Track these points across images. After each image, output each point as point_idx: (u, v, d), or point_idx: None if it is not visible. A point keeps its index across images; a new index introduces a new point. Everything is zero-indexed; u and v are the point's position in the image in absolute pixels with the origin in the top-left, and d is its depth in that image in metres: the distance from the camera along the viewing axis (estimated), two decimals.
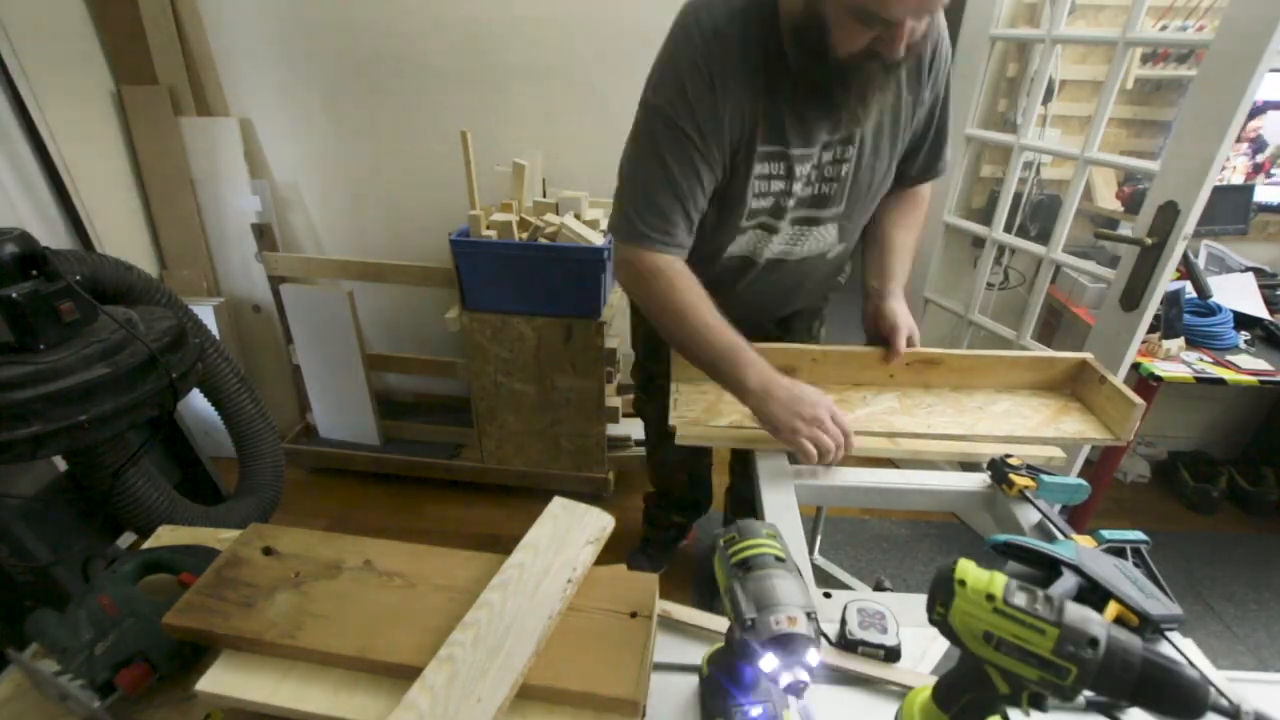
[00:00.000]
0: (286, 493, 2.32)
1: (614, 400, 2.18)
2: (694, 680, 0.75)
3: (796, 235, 1.23)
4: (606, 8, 2.00)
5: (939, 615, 0.56)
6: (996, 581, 0.53)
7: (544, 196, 2.06)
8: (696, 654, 0.77)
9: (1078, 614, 0.51)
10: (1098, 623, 0.50)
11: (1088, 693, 0.51)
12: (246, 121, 2.19)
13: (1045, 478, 1.02)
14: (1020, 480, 1.01)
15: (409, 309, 2.50)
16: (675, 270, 1.12)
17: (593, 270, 1.88)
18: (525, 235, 1.91)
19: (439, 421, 2.48)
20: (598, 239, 1.88)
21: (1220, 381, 1.77)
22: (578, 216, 1.96)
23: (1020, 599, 0.52)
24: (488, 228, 1.88)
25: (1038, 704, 0.55)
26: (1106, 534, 0.86)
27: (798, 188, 1.13)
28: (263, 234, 2.30)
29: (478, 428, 2.22)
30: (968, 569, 0.55)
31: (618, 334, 2.11)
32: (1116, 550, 0.84)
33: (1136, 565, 0.81)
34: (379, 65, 2.11)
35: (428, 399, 2.64)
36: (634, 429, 2.34)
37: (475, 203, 1.88)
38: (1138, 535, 0.86)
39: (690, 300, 1.11)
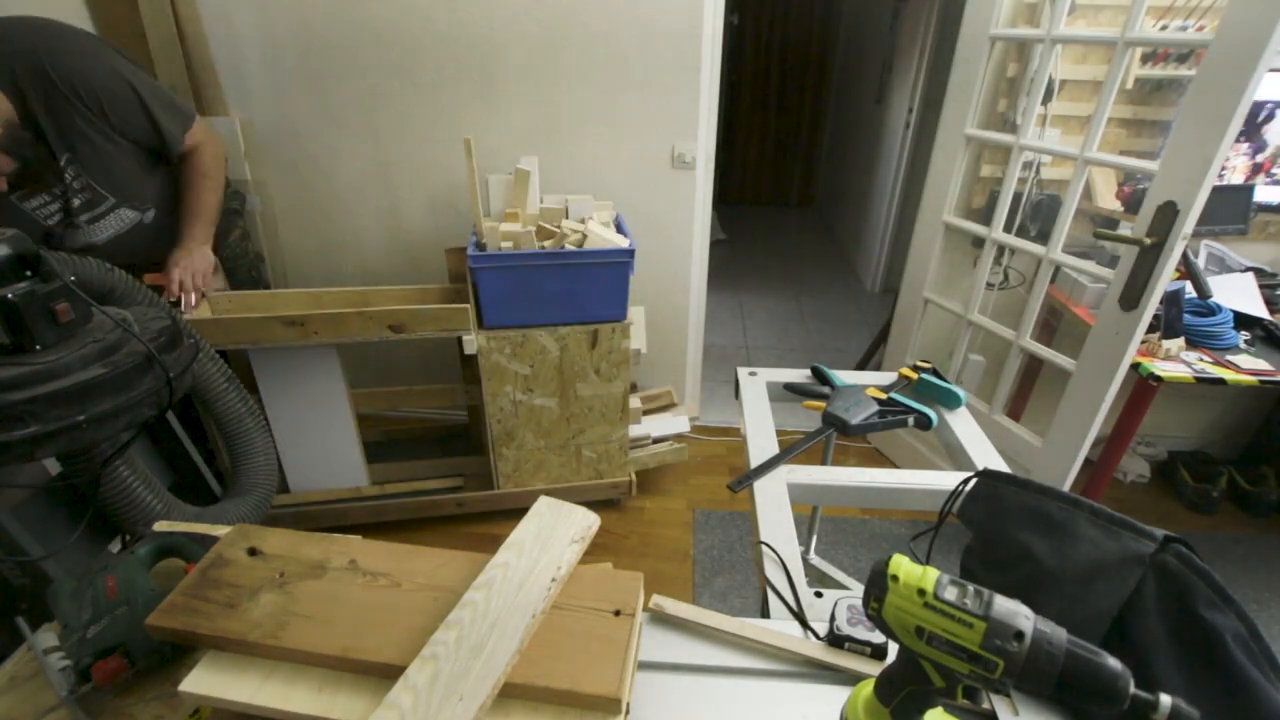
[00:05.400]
0: None
1: (635, 401, 2.14)
2: (684, 679, 0.75)
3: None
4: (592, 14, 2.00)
5: (874, 610, 0.56)
6: (928, 576, 0.54)
7: (541, 202, 2.04)
8: (691, 652, 0.78)
9: (1005, 608, 0.51)
10: (1024, 616, 0.51)
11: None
12: (247, 121, 2.20)
13: (925, 376, 1.30)
14: (905, 372, 1.32)
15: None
16: None
17: (621, 273, 1.85)
18: (548, 243, 1.85)
19: (430, 455, 2.29)
20: (622, 240, 1.87)
21: (1220, 381, 1.76)
22: (587, 220, 1.95)
23: (951, 593, 0.53)
24: (504, 239, 1.81)
25: (972, 696, 0.55)
26: None
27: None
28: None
29: (494, 452, 2.08)
30: (900, 564, 0.56)
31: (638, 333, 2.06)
32: None
33: None
34: (378, 68, 2.11)
35: (398, 434, 2.47)
36: (652, 427, 2.30)
37: (479, 213, 1.84)
38: None
39: None
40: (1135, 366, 1.79)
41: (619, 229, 2.00)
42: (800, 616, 0.84)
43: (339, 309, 1.83)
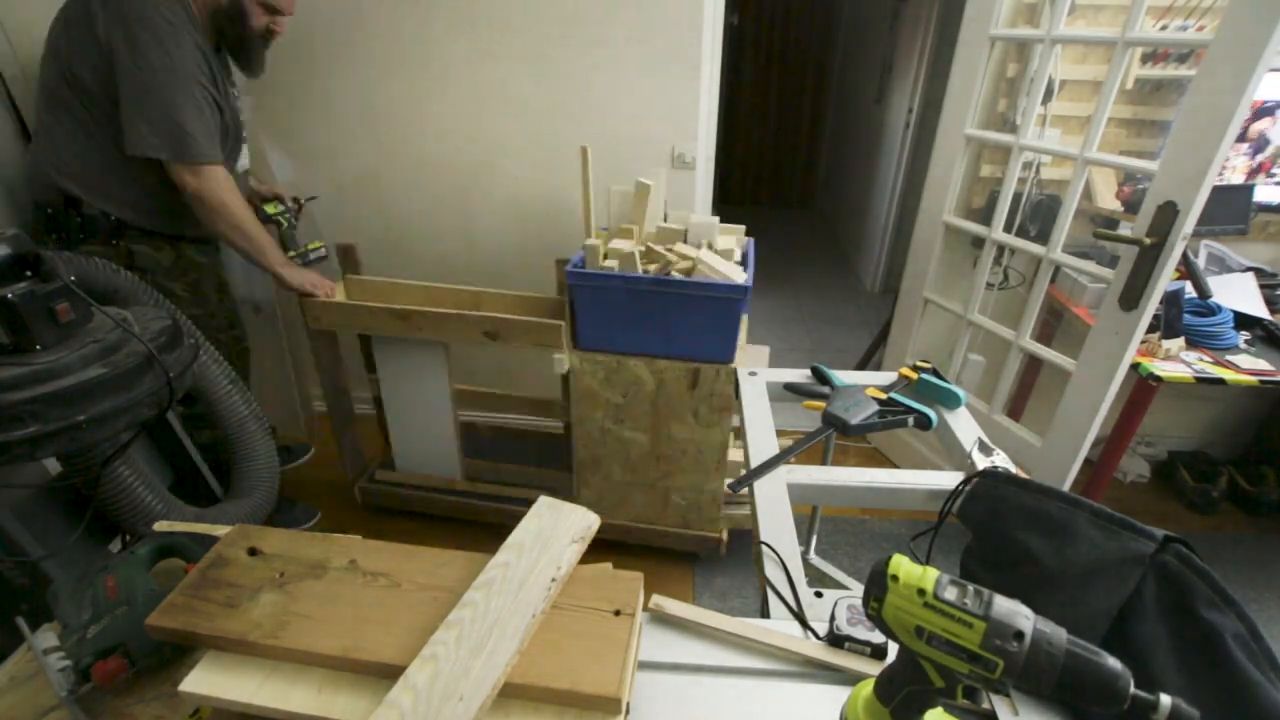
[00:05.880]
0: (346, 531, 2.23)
1: (736, 454, 1.91)
2: (684, 679, 0.75)
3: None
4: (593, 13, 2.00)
5: (873, 610, 0.57)
6: (928, 576, 0.54)
7: (665, 220, 1.84)
8: (691, 652, 0.78)
9: (1005, 608, 0.51)
10: (1024, 616, 0.51)
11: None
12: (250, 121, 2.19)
13: (925, 376, 1.30)
14: (905, 372, 1.33)
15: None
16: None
17: (731, 310, 1.66)
18: (654, 268, 1.69)
19: (524, 460, 2.21)
20: (739, 275, 1.66)
21: (1220, 381, 1.76)
22: (710, 246, 1.78)
23: (951, 593, 0.53)
24: (606, 257, 1.66)
25: (972, 696, 0.55)
26: None
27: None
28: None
29: (578, 477, 2.00)
30: (900, 564, 0.56)
31: None
32: None
33: None
34: (382, 64, 2.11)
35: (507, 432, 2.45)
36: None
37: (591, 228, 1.75)
38: None
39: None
40: (1135, 366, 1.79)
41: (744, 258, 1.81)
42: (800, 616, 0.84)
43: (449, 307, 1.85)
